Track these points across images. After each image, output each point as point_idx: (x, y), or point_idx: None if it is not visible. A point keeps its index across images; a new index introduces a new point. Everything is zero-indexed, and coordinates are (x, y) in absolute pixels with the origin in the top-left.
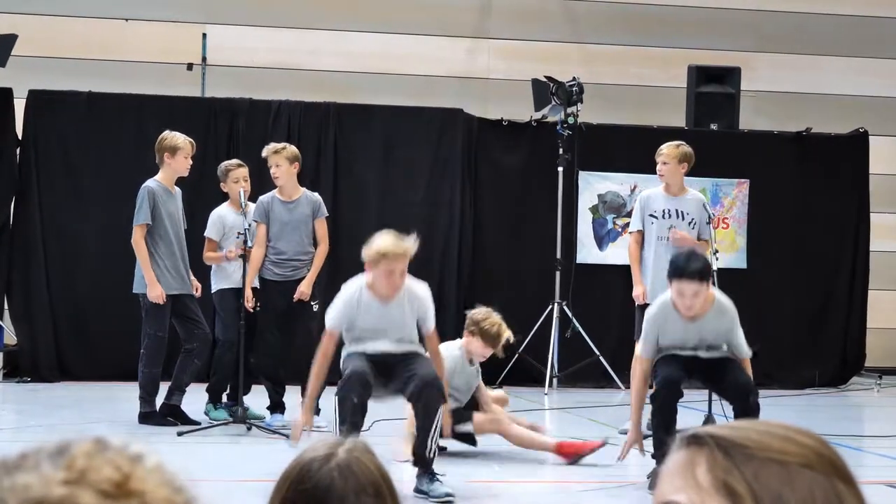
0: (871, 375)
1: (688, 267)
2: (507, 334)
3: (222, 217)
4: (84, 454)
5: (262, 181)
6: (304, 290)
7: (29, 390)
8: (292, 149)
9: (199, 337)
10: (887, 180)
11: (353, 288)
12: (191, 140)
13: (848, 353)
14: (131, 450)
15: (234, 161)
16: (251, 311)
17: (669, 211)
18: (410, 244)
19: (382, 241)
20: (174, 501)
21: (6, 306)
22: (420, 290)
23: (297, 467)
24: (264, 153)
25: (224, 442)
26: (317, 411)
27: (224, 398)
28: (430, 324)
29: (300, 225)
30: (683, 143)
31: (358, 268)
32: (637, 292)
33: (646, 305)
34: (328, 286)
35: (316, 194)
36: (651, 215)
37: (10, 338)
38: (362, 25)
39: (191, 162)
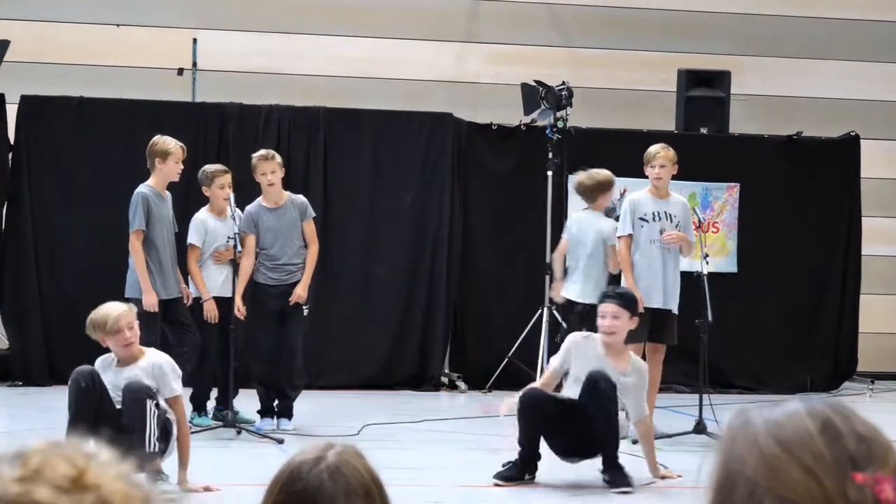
0: (863, 380)
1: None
2: None
3: (203, 222)
4: (38, 453)
5: (252, 186)
6: (300, 293)
7: (20, 394)
8: (278, 155)
9: (189, 341)
10: (878, 184)
11: None
12: (182, 145)
13: (840, 358)
14: (85, 448)
15: (220, 167)
16: (242, 318)
17: (658, 214)
18: None
19: None
20: (131, 495)
21: None
22: None
23: (287, 470)
24: (255, 160)
25: (214, 446)
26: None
27: (213, 402)
28: None
29: (291, 229)
30: (668, 146)
31: (350, 271)
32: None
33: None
34: (320, 289)
35: (301, 196)
36: (641, 219)
37: (2, 342)
38: (352, 30)
39: (182, 167)
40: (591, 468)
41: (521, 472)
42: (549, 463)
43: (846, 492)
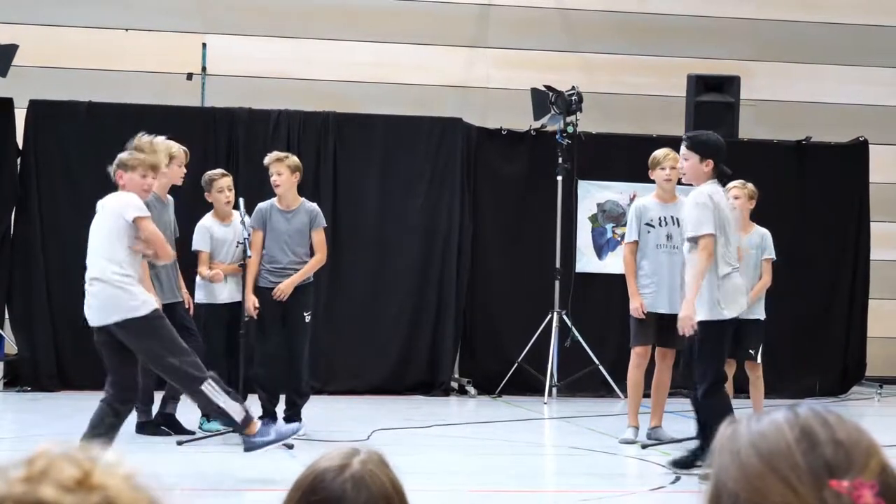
0: (872, 385)
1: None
2: None
3: (208, 228)
4: (44, 456)
5: (261, 190)
6: (282, 287)
7: (29, 399)
8: (294, 159)
9: (192, 345)
10: (887, 189)
11: None
12: (185, 148)
13: (848, 363)
14: (91, 451)
15: (218, 171)
16: (255, 317)
17: (666, 219)
18: None
19: None
20: (138, 497)
21: (7, 315)
22: None
23: (311, 476)
24: (266, 161)
25: (224, 451)
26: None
27: None
28: None
29: (297, 235)
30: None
31: (360, 276)
32: (634, 306)
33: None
34: (329, 294)
35: (314, 204)
36: (647, 224)
37: (11, 347)
38: (361, 35)
39: (185, 170)
40: (592, 475)
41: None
42: (556, 467)
43: (823, 500)
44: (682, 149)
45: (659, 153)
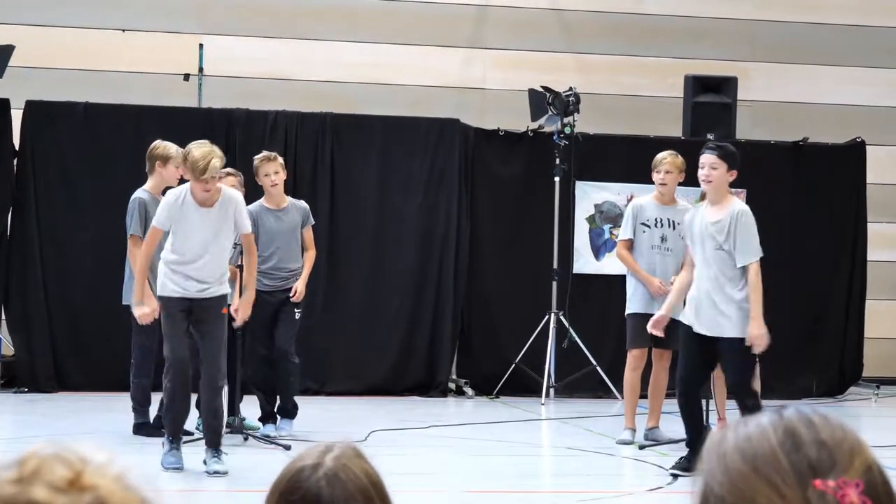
0: (869, 385)
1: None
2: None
3: None
4: (35, 457)
5: (259, 191)
6: (299, 288)
7: (26, 401)
8: (281, 158)
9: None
10: (884, 190)
11: None
12: (182, 150)
13: (845, 363)
14: (83, 452)
15: (229, 170)
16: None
17: (661, 220)
18: None
19: None
20: (129, 497)
21: (3, 317)
22: None
23: (286, 477)
24: (257, 162)
25: (221, 452)
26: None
27: None
28: None
29: (290, 234)
30: (677, 153)
31: (357, 277)
32: (656, 286)
33: (636, 315)
34: (327, 295)
35: (303, 202)
36: (643, 224)
37: (8, 348)
38: (359, 36)
39: (181, 172)
40: (589, 476)
41: (693, 460)
42: (553, 468)
43: (808, 500)
44: (711, 156)
45: (659, 156)
